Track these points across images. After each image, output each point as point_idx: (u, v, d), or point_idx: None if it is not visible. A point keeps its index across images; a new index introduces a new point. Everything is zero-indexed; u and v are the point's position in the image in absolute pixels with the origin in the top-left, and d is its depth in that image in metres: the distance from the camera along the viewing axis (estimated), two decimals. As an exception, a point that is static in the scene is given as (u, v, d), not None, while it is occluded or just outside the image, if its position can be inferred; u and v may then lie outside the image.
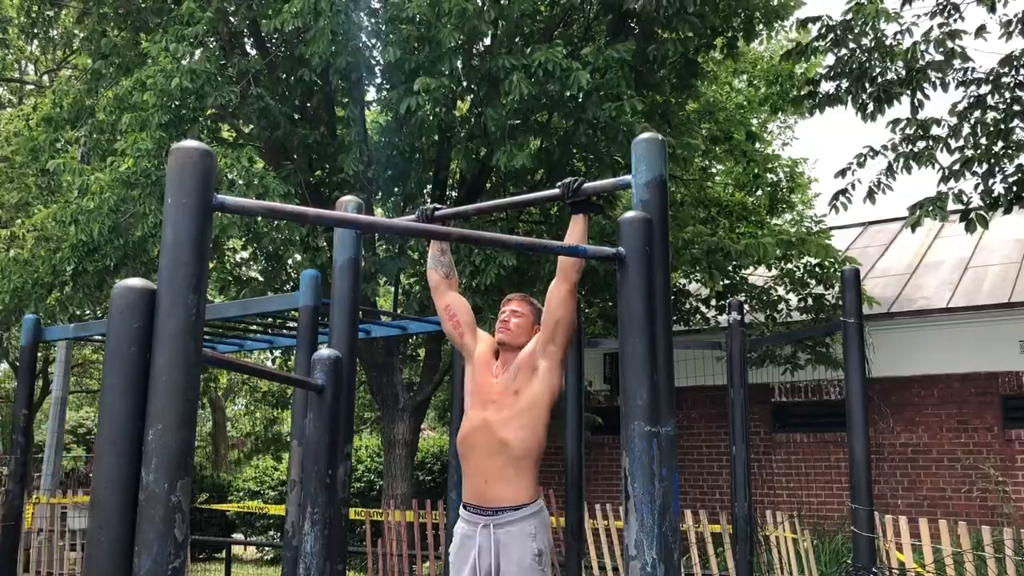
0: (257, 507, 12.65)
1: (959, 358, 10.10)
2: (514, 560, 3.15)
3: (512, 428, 3.22)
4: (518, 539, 3.17)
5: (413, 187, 9.04)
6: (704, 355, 10.23)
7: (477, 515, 3.25)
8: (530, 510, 3.21)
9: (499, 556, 3.17)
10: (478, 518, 3.25)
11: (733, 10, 8.56)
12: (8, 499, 5.11)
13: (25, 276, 8.38)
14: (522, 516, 3.19)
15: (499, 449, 3.22)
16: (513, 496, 3.20)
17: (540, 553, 3.17)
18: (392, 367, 9.54)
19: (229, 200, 1.81)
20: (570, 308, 3.21)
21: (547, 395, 3.27)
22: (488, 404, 3.31)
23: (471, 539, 3.24)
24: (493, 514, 3.21)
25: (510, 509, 3.19)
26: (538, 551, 3.17)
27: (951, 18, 7.44)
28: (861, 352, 4.25)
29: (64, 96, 9.21)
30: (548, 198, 3.13)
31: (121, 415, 1.56)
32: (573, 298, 3.20)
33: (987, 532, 5.25)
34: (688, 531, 7.34)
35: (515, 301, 3.48)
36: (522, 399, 3.25)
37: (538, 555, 3.16)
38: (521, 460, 3.21)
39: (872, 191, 7.81)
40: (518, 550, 3.15)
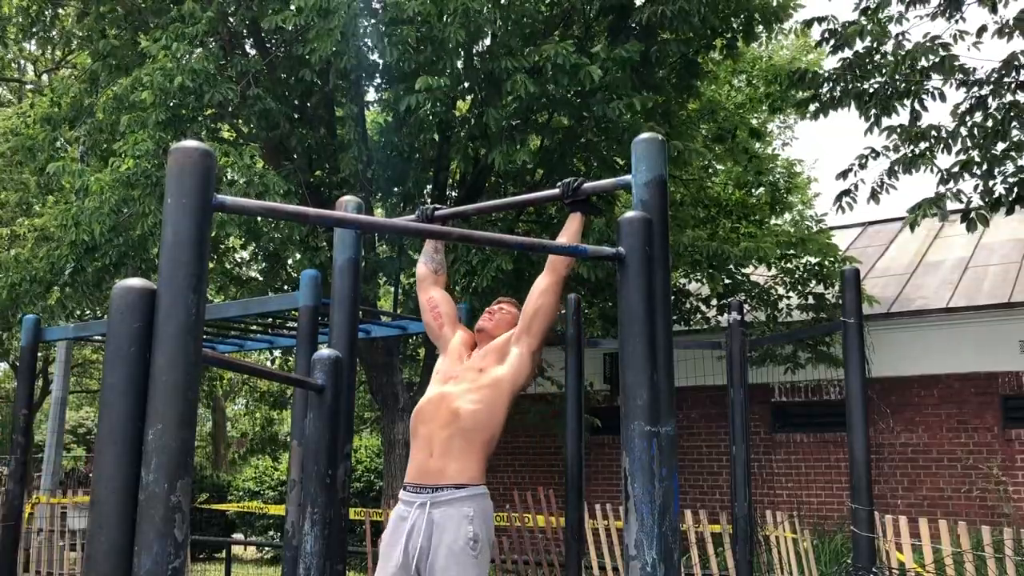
0: (257, 507, 12.65)
1: (959, 358, 10.10)
2: (446, 542, 2.94)
3: (467, 400, 3.10)
4: (454, 519, 2.97)
5: (412, 187, 9.04)
6: (704, 355, 10.23)
7: (415, 494, 3.06)
8: (471, 491, 3.02)
9: (431, 537, 2.97)
10: (415, 497, 3.05)
11: (733, 11, 8.57)
12: (8, 499, 5.11)
13: (23, 273, 8.38)
14: (461, 496, 3.00)
15: (450, 420, 3.08)
16: (455, 473, 3.02)
17: (475, 539, 2.96)
18: (392, 367, 9.54)
19: (229, 200, 1.81)
20: (551, 300, 3.14)
21: (511, 380, 3.16)
22: (449, 380, 3.23)
23: (405, 520, 3.04)
24: (432, 491, 3.02)
25: (450, 487, 3.00)
26: (473, 535, 2.95)
27: (952, 19, 7.45)
28: (861, 352, 4.25)
29: (63, 95, 9.21)
30: (548, 198, 3.13)
31: (121, 415, 1.56)
32: (557, 291, 3.15)
33: (987, 532, 5.25)
34: (688, 531, 7.34)
35: (505, 301, 3.52)
36: (484, 376, 3.16)
37: (473, 540, 2.95)
38: (471, 434, 3.06)
39: (875, 191, 7.82)
40: (452, 531, 2.95)
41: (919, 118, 7.53)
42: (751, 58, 12.48)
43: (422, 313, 3.48)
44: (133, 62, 8.53)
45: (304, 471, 2.32)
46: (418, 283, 3.50)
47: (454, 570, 2.92)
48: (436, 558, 2.95)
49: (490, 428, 3.11)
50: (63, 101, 9.18)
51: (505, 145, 7.55)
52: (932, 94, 7.42)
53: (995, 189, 7.42)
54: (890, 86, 7.50)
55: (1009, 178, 7.41)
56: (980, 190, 7.45)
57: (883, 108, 7.52)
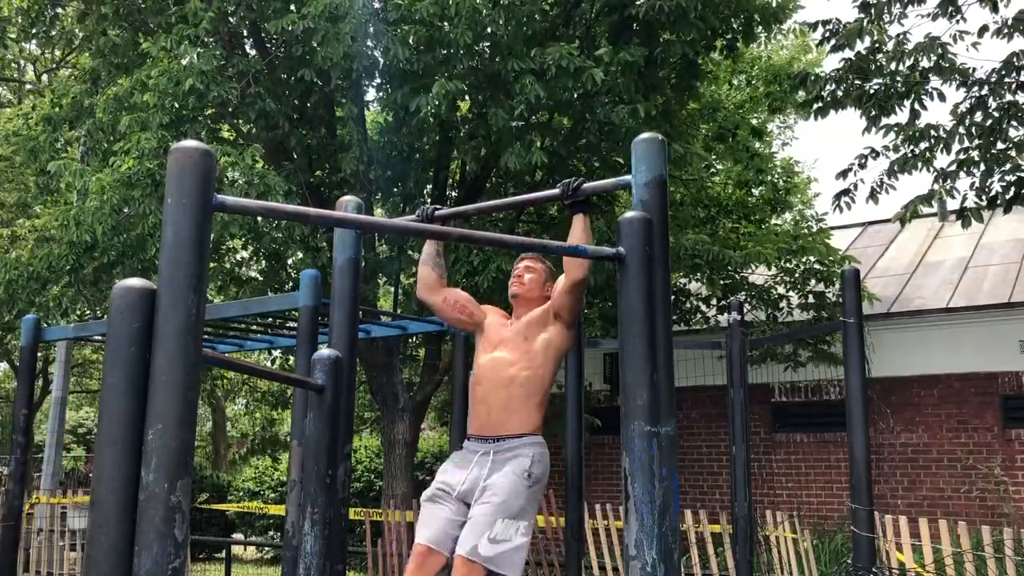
0: (257, 507, 12.65)
1: (959, 358, 10.10)
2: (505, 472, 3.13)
3: (519, 366, 3.28)
4: (514, 460, 3.17)
5: (413, 187, 9.04)
6: (704, 355, 10.22)
7: (478, 443, 3.28)
8: (531, 440, 3.23)
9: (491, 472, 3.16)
10: (479, 446, 3.27)
11: (733, 12, 8.56)
12: (8, 499, 5.11)
13: (20, 270, 8.39)
14: (522, 443, 3.20)
15: (506, 383, 3.26)
16: (516, 426, 3.23)
17: (531, 474, 3.14)
18: (392, 367, 9.53)
19: (229, 200, 1.81)
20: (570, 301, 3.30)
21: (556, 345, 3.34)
22: (499, 345, 3.38)
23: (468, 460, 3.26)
24: (495, 441, 3.23)
25: (511, 437, 3.21)
26: (530, 471, 3.14)
27: (952, 19, 7.45)
28: (861, 352, 4.25)
29: (63, 96, 9.21)
30: (548, 198, 3.14)
31: (121, 415, 1.56)
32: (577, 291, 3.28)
33: (987, 532, 5.24)
34: (688, 531, 7.34)
35: (527, 259, 3.55)
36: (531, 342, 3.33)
37: (528, 474, 3.13)
38: (525, 394, 3.26)
39: (874, 191, 7.83)
40: (511, 466, 3.15)
41: (918, 117, 7.53)
42: (750, 58, 12.48)
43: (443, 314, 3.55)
44: (133, 62, 8.53)
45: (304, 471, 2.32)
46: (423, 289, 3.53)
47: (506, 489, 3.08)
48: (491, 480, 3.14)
49: (542, 388, 3.31)
50: (63, 101, 9.18)
51: (517, 146, 7.55)
52: (931, 94, 7.42)
53: (992, 188, 7.42)
54: (890, 86, 7.50)
55: (1007, 176, 7.41)
56: (976, 188, 7.45)
57: (882, 108, 7.52)
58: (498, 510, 3.02)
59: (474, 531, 2.99)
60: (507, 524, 3.00)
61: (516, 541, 3.01)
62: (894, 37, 7.58)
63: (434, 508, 3.19)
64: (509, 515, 3.03)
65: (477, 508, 3.07)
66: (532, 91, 7.13)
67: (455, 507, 3.16)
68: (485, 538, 2.95)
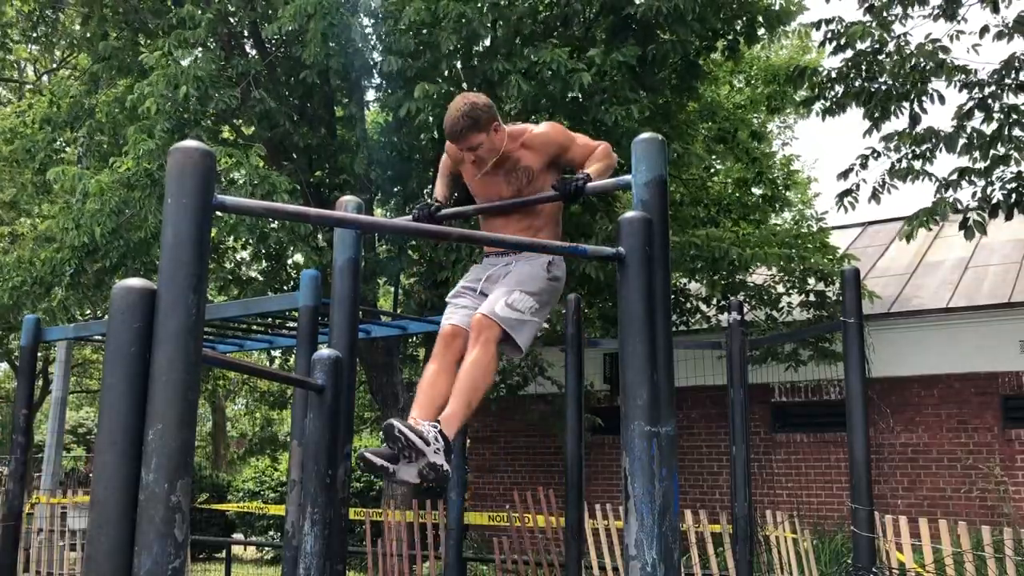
0: (257, 507, 12.65)
1: (959, 358, 10.10)
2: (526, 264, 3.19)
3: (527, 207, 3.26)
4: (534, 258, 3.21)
5: (414, 187, 9.04)
6: (704, 355, 10.22)
7: (498, 256, 3.33)
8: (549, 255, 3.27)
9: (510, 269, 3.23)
10: (498, 258, 3.32)
11: (735, 13, 8.56)
12: (8, 499, 5.11)
13: (23, 275, 8.39)
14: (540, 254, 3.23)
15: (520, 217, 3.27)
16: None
17: (550, 269, 3.20)
18: (392, 367, 9.54)
19: (229, 200, 1.81)
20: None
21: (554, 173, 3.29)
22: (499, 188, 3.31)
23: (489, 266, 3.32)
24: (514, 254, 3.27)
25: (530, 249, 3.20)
26: (549, 266, 3.20)
27: (953, 20, 7.45)
28: (861, 352, 4.25)
29: (62, 97, 9.22)
30: (548, 198, 3.13)
31: (121, 415, 1.56)
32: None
33: (987, 532, 5.24)
34: (688, 531, 7.33)
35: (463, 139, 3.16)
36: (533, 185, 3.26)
37: (548, 267, 3.19)
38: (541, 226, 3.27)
39: (876, 191, 7.83)
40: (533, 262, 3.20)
41: (919, 121, 7.53)
42: (749, 58, 12.49)
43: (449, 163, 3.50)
44: (133, 64, 8.53)
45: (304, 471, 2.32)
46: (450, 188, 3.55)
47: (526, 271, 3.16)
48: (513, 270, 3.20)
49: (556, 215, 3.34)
50: (63, 102, 9.18)
51: None
52: (932, 97, 7.42)
53: (993, 195, 7.42)
54: (891, 87, 7.50)
55: (1007, 184, 7.41)
56: (979, 197, 7.45)
57: (883, 110, 7.52)
58: (517, 284, 3.12)
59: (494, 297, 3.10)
60: (524, 296, 3.09)
61: (529, 316, 3.09)
62: (896, 37, 7.58)
63: (457, 300, 3.28)
64: (527, 290, 3.11)
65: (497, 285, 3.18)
66: (515, 88, 7.15)
67: (478, 299, 3.23)
68: (503, 302, 3.05)
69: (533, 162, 3.22)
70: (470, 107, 3.10)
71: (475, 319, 3.05)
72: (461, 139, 3.13)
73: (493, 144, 3.17)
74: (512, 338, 3.04)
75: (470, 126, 3.09)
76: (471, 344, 3.04)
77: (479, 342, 3.00)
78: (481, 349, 2.99)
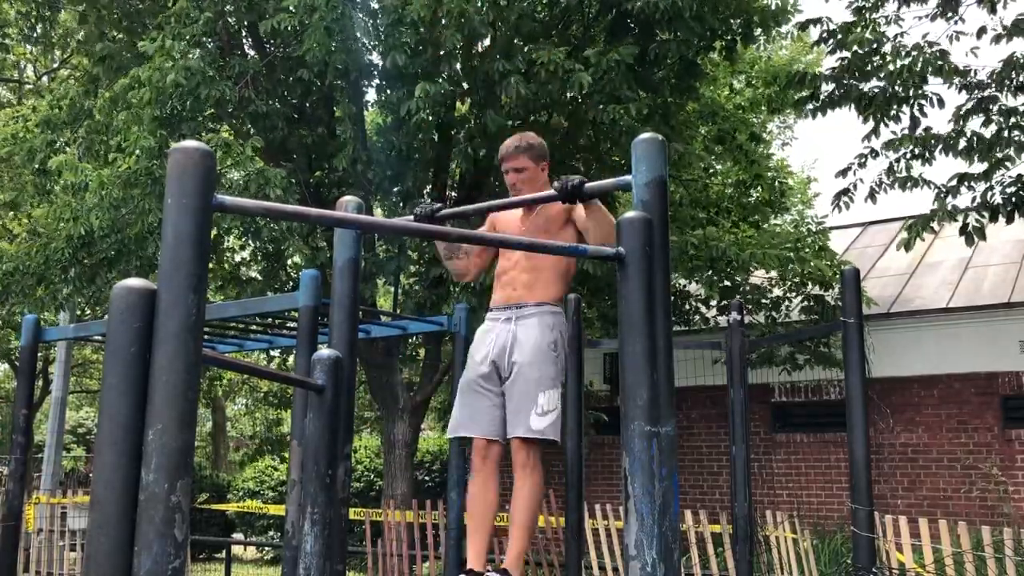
0: (257, 507, 12.65)
1: (959, 358, 10.09)
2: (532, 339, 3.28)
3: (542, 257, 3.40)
4: (536, 327, 3.32)
5: (412, 187, 9.04)
6: (704, 355, 10.22)
7: (501, 311, 3.44)
8: (550, 308, 3.38)
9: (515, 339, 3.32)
10: (501, 314, 3.43)
11: (732, 13, 8.57)
12: (8, 499, 5.11)
13: (16, 264, 8.41)
14: (542, 311, 3.35)
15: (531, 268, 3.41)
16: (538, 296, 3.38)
17: (555, 343, 3.31)
18: (392, 367, 9.53)
19: (229, 200, 1.81)
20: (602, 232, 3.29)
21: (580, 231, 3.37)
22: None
23: (491, 331, 3.42)
24: (517, 308, 3.38)
25: (532, 304, 3.36)
26: (553, 340, 3.31)
27: (951, 20, 7.45)
28: (861, 352, 4.25)
29: (62, 98, 9.22)
30: (548, 198, 3.12)
31: (121, 415, 1.56)
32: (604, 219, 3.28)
33: (987, 532, 5.24)
34: (688, 531, 7.33)
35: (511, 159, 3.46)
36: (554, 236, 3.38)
37: (553, 343, 3.30)
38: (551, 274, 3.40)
39: (874, 191, 7.84)
40: (535, 335, 3.30)
41: (918, 125, 7.54)
42: (750, 59, 12.48)
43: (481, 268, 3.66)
44: (132, 64, 8.54)
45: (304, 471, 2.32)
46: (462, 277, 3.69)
47: (538, 361, 3.26)
48: (522, 352, 3.29)
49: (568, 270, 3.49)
50: (63, 104, 9.18)
51: None
52: (931, 99, 7.43)
53: (993, 199, 7.43)
54: (889, 90, 7.50)
55: (1007, 188, 7.41)
56: (978, 202, 7.46)
57: (883, 113, 7.53)
58: (536, 385, 3.21)
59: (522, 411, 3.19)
60: (547, 395, 3.20)
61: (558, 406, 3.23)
62: (891, 39, 7.59)
63: (475, 399, 3.35)
64: (546, 386, 3.21)
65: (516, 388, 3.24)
66: (515, 89, 7.15)
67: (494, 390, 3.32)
68: (534, 415, 3.15)
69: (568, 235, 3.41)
70: (532, 137, 3.49)
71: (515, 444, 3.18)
72: (511, 156, 3.43)
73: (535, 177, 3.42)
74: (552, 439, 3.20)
75: (526, 148, 3.43)
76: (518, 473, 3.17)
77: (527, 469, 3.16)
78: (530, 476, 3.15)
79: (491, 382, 3.35)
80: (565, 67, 7.17)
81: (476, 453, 3.31)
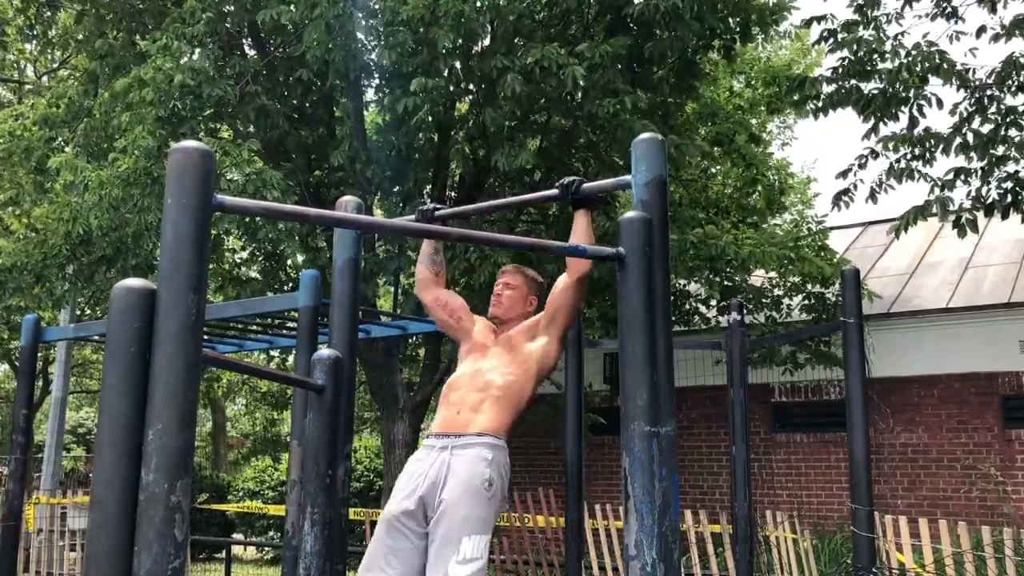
0: (257, 507, 12.64)
1: (959, 358, 10.09)
2: (462, 478, 2.97)
3: (500, 372, 3.19)
4: (472, 461, 3.00)
5: (412, 187, 9.04)
6: (704, 355, 10.22)
7: (437, 439, 3.13)
8: (491, 440, 3.07)
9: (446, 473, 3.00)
10: (436, 442, 3.12)
11: (731, 11, 8.57)
12: (8, 499, 5.11)
13: (14, 260, 8.42)
14: (481, 442, 3.05)
15: (482, 387, 3.17)
16: (481, 425, 3.09)
17: (491, 481, 2.99)
18: (392, 367, 9.53)
19: (229, 200, 1.81)
20: (571, 299, 3.21)
21: (541, 357, 3.25)
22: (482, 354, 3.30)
23: (422, 461, 3.10)
24: (454, 438, 3.08)
25: (472, 434, 3.07)
26: (489, 478, 2.99)
27: (951, 20, 7.45)
28: (861, 352, 4.25)
29: (61, 97, 9.21)
30: (548, 198, 3.14)
31: (121, 415, 1.56)
32: (577, 289, 3.19)
33: (987, 532, 5.24)
34: (688, 531, 7.34)
35: (508, 274, 3.46)
36: (515, 353, 3.25)
37: (488, 481, 2.98)
38: (501, 399, 3.14)
39: (874, 191, 7.84)
40: (468, 470, 2.99)
41: (917, 124, 7.54)
42: (749, 59, 12.48)
43: (433, 313, 3.48)
44: (132, 63, 8.53)
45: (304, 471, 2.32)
46: (419, 287, 3.50)
47: (466, 503, 2.93)
48: (449, 492, 2.96)
49: (520, 399, 3.20)
50: (61, 102, 9.18)
51: (507, 146, 7.57)
52: (930, 100, 7.43)
53: (989, 195, 7.43)
54: (889, 90, 7.50)
55: (1003, 184, 7.41)
56: (973, 197, 7.46)
57: (883, 113, 7.53)
58: (461, 528, 2.90)
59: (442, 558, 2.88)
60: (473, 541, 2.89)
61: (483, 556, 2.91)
62: (891, 38, 7.59)
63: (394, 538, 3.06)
64: (473, 531, 2.90)
65: (440, 529, 2.92)
66: (512, 87, 7.16)
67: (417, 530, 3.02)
68: (453, 562, 2.85)
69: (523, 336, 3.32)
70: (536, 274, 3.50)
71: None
72: (511, 273, 3.44)
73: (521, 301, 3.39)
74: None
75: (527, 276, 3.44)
76: None
77: None
78: None
79: (415, 521, 3.01)
80: (559, 63, 7.17)
81: None
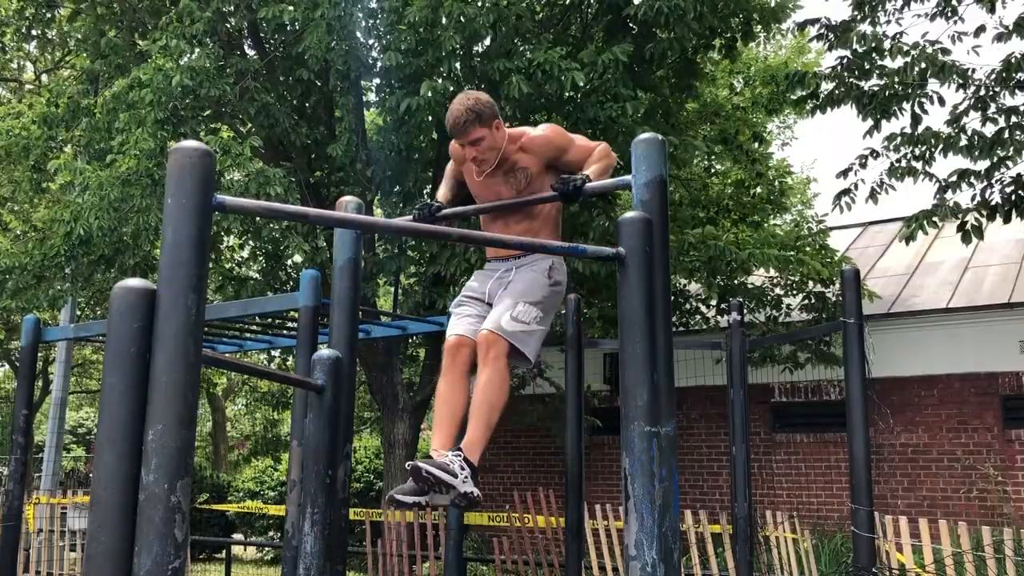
0: (257, 507, 12.65)
1: (959, 358, 10.09)
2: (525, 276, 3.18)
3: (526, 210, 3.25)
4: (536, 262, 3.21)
5: (412, 186, 9.04)
6: (704, 355, 10.22)
7: (498, 262, 3.31)
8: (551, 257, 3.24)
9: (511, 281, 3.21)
10: (499, 264, 3.30)
11: (732, 11, 8.57)
12: (8, 499, 5.11)
13: (14, 260, 8.43)
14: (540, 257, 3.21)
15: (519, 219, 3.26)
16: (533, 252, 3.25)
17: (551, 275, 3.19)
18: (392, 367, 9.53)
19: (229, 200, 1.81)
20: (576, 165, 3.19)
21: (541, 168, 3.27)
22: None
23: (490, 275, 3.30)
24: (515, 260, 3.25)
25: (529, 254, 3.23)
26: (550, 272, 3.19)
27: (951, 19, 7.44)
28: (861, 352, 4.25)
29: (60, 96, 9.21)
30: (548, 198, 3.13)
31: (121, 415, 1.56)
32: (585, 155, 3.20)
33: (987, 532, 5.24)
34: (688, 531, 7.34)
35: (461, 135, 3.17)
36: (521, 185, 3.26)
37: (548, 274, 3.18)
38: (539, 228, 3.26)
39: (874, 191, 7.84)
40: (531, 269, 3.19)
41: (919, 122, 7.53)
42: (748, 59, 12.47)
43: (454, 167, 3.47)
44: (132, 62, 8.53)
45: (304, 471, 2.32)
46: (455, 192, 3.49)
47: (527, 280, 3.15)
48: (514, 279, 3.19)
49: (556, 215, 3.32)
50: (61, 101, 9.17)
51: None
52: (931, 98, 7.42)
53: (992, 198, 7.43)
54: (889, 89, 7.50)
55: (1006, 188, 7.41)
56: (977, 201, 7.46)
57: (883, 112, 7.52)
58: (520, 295, 3.12)
59: (498, 311, 3.10)
60: (528, 308, 3.09)
61: (535, 326, 3.10)
62: (891, 37, 7.58)
63: (460, 309, 3.29)
64: (530, 300, 3.11)
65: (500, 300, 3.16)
66: (516, 89, 7.17)
67: (481, 308, 3.24)
68: (508, 315, 3.05)
69: (531, 164, 3.22)
70: (473, 102, 3.13)
71: (481, 336, 3.06)
72: (463, 133, 3.14)
73: (494, 141, 3.18)
74: (520, 351, 3.05)
75: (473, 120, 3.11)
76: (481, 362, 3.06)
77: (488, 360, 3.02)
78: (492, 368, 3.01)
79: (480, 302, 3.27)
80: (560, 67, 7.19)
81: (446, 354, 3.22)
